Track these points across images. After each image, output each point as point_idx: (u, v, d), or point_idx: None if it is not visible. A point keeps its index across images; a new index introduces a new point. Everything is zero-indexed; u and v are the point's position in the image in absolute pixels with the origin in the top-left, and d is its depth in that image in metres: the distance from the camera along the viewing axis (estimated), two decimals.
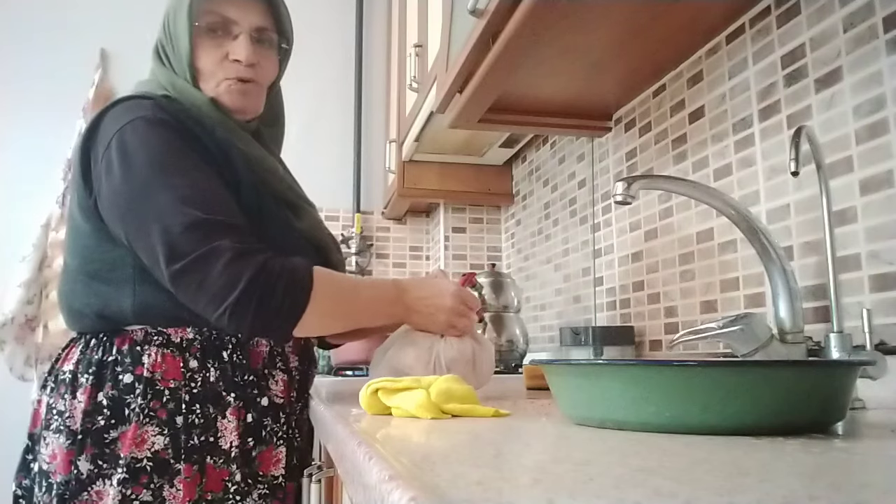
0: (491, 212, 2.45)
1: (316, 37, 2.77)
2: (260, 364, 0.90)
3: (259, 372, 0.90)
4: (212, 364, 0.86)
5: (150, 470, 0.79)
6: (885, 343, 0.80)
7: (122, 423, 0.81)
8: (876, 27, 0.84)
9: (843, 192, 0.88)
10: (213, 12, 0.93)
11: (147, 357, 0.83)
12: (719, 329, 0.78)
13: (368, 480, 0.35)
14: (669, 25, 1.14)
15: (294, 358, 0.96)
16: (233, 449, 0.84)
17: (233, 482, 0.83)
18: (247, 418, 0.86)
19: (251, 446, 0.86)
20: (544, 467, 0.35)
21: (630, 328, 1.42)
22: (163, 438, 0.81)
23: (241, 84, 0.95)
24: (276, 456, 0.88)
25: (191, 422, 0.82)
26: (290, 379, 0.93)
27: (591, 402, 0.51)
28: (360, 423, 0.58)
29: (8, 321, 2.24)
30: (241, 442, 0.85)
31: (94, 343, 0.86)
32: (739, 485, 0.29)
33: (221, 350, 0.87)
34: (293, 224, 0.93)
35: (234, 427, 0.84)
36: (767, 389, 0.46)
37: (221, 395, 0.85)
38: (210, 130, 0.89)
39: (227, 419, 0.84)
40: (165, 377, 0.83)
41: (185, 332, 0.86)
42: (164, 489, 0.79)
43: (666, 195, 1.33)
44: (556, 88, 1.39)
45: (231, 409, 0.85)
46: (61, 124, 2.49)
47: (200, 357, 0.86)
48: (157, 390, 0.82)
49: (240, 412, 0.86)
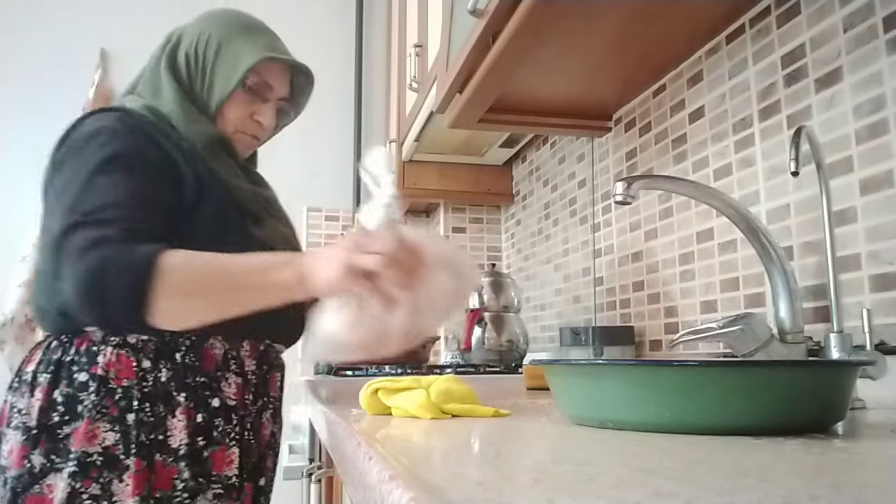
0: (491, 212, 2.45)
1: (316, 37, 2.77)
2: (212, 366, 0.91)
3: (211, 374, 0.91)
4: (164, 365, 0.88)
5: (99, 465, 0.82)
6: (885, 343, 0.80)
7: (74, 419, 0.83)
8: (876, 27, 0.84)
9: (843, 192, 0.88)
10: (261, 76, 1.01)
11: (102, 357, 0.86)
12: (719, 329, 0.78)
13: (368, 480, 0.35)
14: (669, 25, 1.14)
15: (251, 362, 0.96)
16: (181, 447, 0.86)
17: (181, 480, 0.85)
18: (197, 418, 0.88)
19: (202, 446, 0.88)
20: (544, 467, 0.35)
21: (630, 328, 1.42)
22: (113, 435, 0.83)
23: (252, 140, 1.05)
24: (229, 457, 0.90)
25: (141, 420, 0.84)
26: (244, 382, 0.94)
27: (591, 402, 0.51)
28: (360, 423, 0.58)
29: (8, 321, 2.24)
30: (190, 441, 0.86)
31: (55, 344, 0.89)
32: (739, 485, 0.29)
33: (174, 351, 0.89)
34: (253, 233, 0.95)
35: (184, 426, 0.86)
36: (767, 389, 0.46)
37: (172, 394, 0.87)
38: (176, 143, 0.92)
39: (177, 418, 0.86)
40: (119, 376, 0.85)
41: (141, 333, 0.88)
42: (113, 483, 0.81)
43: (666, 195, 1.33)
44: (556, 88, 1.39)
45: (181, 409, 0.87)
46: (61, 124, 2.49)
47: (154, 358, 0.88)
48: (109, 388, 0.85)
49: (189, 412, 0.87)
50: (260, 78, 1.01)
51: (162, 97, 0.98)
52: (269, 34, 1.06)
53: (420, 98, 1.84)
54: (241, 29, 1.02)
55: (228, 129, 1.01)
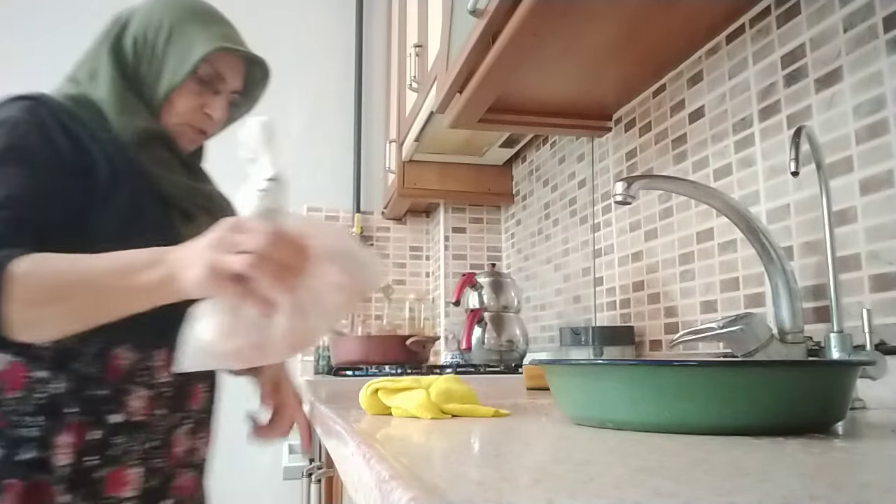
0: (491, 212, 2.45)
1: (316, 37, 2.78)
2: (115, 378, 0.84)
3: (115, 386, 0.83)
4: (62, 375, 0.81)
5: None
6: (885, 343, 0.80)
7: None
8: (876, 27, 0.84)
9: (843, 192, 0.88)
10: (214, 66, 0.95)
11: None
12: (719, 329, 0.78)
13: (368, 480, 0.35)
14: (669, 25, 1.14)
15: (164, 373, 0.88)
16: (67, 467, 0.79)
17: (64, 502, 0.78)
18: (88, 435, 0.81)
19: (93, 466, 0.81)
20: (544, 467, 0.35)
21: (630, 328, 1.42)
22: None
23: (198, 134, 0.98)
24: (126, 477, 0.83)
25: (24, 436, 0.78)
26: (155, 395, 0.87)
27: (591, 402, 0.51)
28: (360, 423, 0.58)
29: None
30: (76, 461, 0.79)
31: None
32: (739, 485, 0.29)
33: (74, 360, 0.82)
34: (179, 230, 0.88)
35: (71, 444, 0.79)
36: (767, 389, 0.46)
37: (62, 409, 0.80)
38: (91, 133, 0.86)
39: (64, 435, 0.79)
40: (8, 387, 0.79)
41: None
42: None
43: (666, 195, 1.33)
44: (556, 88, 1.39)
45: (71, 424, 0.80)
46: None
47: (50, 367, 0.80)
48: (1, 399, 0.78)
49: (80, 428, 0.80)
50: (212, 69, 0.95)
51: (97, 83, 0.92)
52: (226, 23, 1.00)
53: (420, 98, 1.84)
54: (195, 16, 0.96)
55: (174, 121, 0.95)
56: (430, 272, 2.72)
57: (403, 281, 2.71)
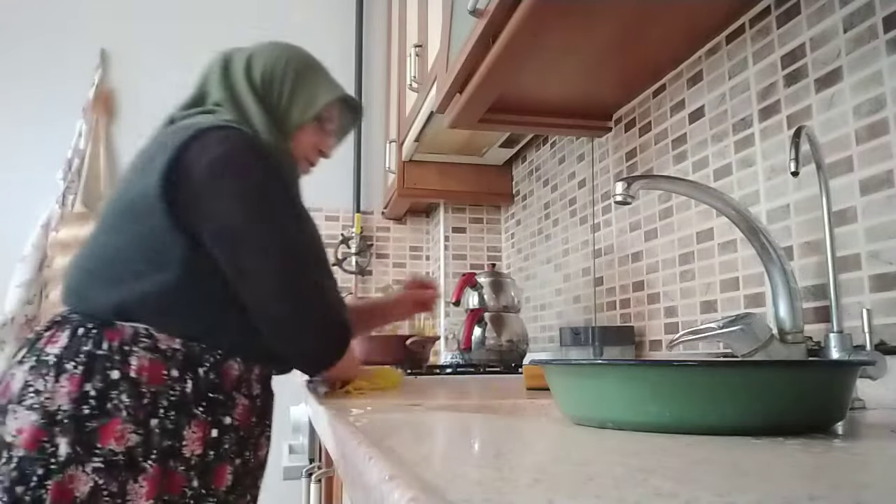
0: (491, 212, 2.45)
1: (316, 37, 2.77)
2: (229, 386, 0.95)
3: (227, 392, 0.95)
4: (189, 376, 0.91)
5: (121, 465, 0.83)
6: (885, 343, 0.80)
7: (103, 415, 0.84)
8: (876, 27, 0.84)
9: (843, 192, 0.88)
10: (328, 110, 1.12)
11: (135, 358, 0.88)
12: (719, 329, 0.78)
13: (368, 480, 0.35)
14: (669, 25, 1.14)
15: (257, 385, 1.00)
16: (193, 458, 0.89)
17: (190, 488, 0.88)
18: (212, 433, 0.92)
19: (210, 459, 0.91)
20: (544, 467, 0.35)
21: (630, 328, 1.42)
22: (136, 437, 0.85)
23: (309, 167, 1.15)
24: (226, 473, 0.94)
25: (162, 426, 0.87)
26: (251, 404, 0.98)
27: (591, 402, 0.51)
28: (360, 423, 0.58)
29: (8, 321, 2.24)
30: (202, 453, 0.90)
31: (81, 332, 0.89)
32: (739, 485, 0.29)
33: (199, 366, 0.93)
34: None
35: (199, 439, 0.90)
36: (767, 389, 0.46)
37: (191, 407, 0.90)
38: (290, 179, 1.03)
39: (193, 430, 0.90)
40: (149, 381, 0.88)
41: (173, 340, 0.91)
42: (129, 484, 0.83)
43: (666, 195, 1.33)
44: (555, 88, 1.39)
45: (198, 422, 0.90)
46: (61, 124, 2.49)
47: (181, 368, 0.91)
48: (140, 391, 0.87)
49: (205, 426, 0.91)
50: (328, 112, 1.11)
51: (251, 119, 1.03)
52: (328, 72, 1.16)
53: (420, 98, 1.84)
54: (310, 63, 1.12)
55: (296, 153, 1.10)
56: (430, 272, 2.72)
57: (403, 281, 2.71)
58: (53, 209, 2.38)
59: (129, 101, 2.60)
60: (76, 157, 2.46)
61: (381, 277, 2.71)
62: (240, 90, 1.05)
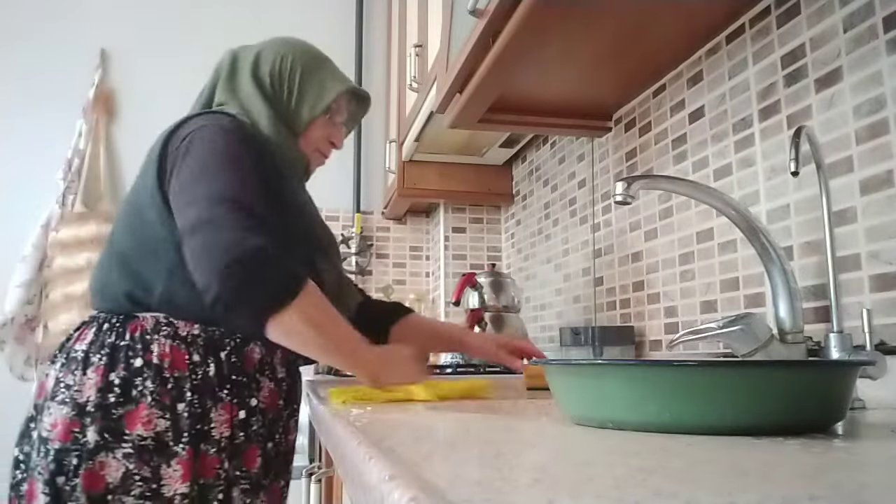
0: (491, 212, 2.45)
1: (316, 37, 2.76)
2: (251, 368, 0.96)
3: (250, 374, 0.96)
4: (211, 360, 0.92)
5: (151, 449, 0.85)
6: (885, 343, 0.80)
7: (129, 402, 0.86)
8: (876, 27, 0.84)
9: (843, 192, 0.88)
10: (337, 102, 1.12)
11: (156, 346, 0.90)
12: (719, 329, 0.78)
13: (368, 480, 0.35)
14: (669, 25, 1.14)
15: (281, 369, 1.01)
16: (223, 440, 0.90)
17: (223, 470, 0.90)
18: (239, 414, 0.93)
19: (240, 441, 0.93)
20: (544, 467, 0.35)
21: (630, 328, 1.42)
22: (164, 422, 0.87)
23: (322, 159, 1.16)
24: (256, 454, 0.95)
25: (190, 410, 0.88)
26: (276, 387, 0.99)
27: (591, 402, 0.51)
28: (360, 423, 0.58)
29: (8, 321, 2.24)
30: (231, 435, 0.91)
31: (106, 327, 0.92)
32: (739, 485, 0.29)
33: (220, 349, 0.94)
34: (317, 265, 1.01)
35: (226, 420, 0.91)
36: (767, 389, 0.46)
37: (216, 389, 0.91)
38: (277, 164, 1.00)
39: (220, 412, 0.91)
40: (172, 366, 0.90)
41: (192, 326, 0.93)
42: (162, 468, 0.85)
43: (666, 195, 1.33)
44: (555, 88, 1.39)
45: (224, 404, 0.91)
46: (61, 124, 2.49)
47: (202, 353, 0.92)
48: (163, 377, 0.89)
49: (232, 408, 0.92)
50: (337, 104, 1.12)
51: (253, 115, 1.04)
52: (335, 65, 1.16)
53: (420, 98, 1.84)
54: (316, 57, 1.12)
55: (308, 149, 1.11)
56: (430, 272, 2.72)
57: (403, 281, 2.71)
58: (53, 209, 2.38)
59: (129, 101, 2.60)
60: (76, 157, 2.46)
61: (381, 277, 2.71)
62: (245, 90, 1.06)
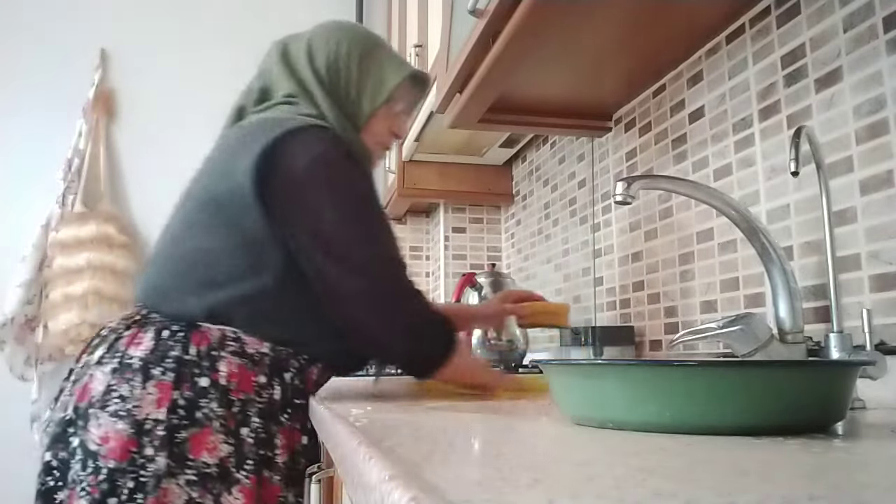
0: (491, 212, 2.45)
1: None
2: (312, 389, 0.94)
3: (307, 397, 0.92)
4: (276, 382, 0.88)
5: (214, 476, 0.80)
6: (885, 343, 0.80)
7: (194, 425, 0.81)
8: (876, 27, 0.84)
9: (843, 192, 0.88)
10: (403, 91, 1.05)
11: (224, 364, 0.85)
12: (719, 329, 0.78)
13: (368, 480, 0.35)
14: (669, 25, 1.14)
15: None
16: (285, 466, 0.86)
17: (285, 500, 0.85)
18: (302, 440, 0.89)
19: (302, 467, 0.88)
20: (544, 467, 0.35)
21: (630, 328, 1.42)
22: (228, 447, 0.81)
23: (385, 151, 1.09)
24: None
25: (255, 436, 0.84)
26: None
27: (591, 402, 0.51)
28: (360, 423, 0.58)
29: (8, 321, 2.24)
30: (293, 462, 0.87)
31: (166, 335, 0.86)
32: (739, 485, 0.29)
33: (285, 370, 0.90)
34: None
35: (285, 446, 0.87)
36: (767, 389, 0.46)
37: (279, 414, 0.87)
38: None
39: (281, 438, 0.87)
40: (238, 388, 0.85)
41: (261, 345, 0.88)
42: (223, 496, 0.80)
43: (666, 195, 1.33)
44: (556, 88, 1.39)
45: (283, 429, 0.87)
46: (61, 124, 2.49)
47: (268, 373, 0.88)
48: (229, 399, 0.83)
49: (294, 433, 0.88)
50: (398, 92, 1.04)
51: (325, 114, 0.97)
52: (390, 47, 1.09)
53: None
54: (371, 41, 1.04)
55: (371, 141, 1.03)
56: (430, 272, 2.72)
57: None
58: (53, 209, 2.38)
59: (129, 101, 2.60)
60: (76, 157, 2.46)
61: None
62: (308, 82, 0.99)
